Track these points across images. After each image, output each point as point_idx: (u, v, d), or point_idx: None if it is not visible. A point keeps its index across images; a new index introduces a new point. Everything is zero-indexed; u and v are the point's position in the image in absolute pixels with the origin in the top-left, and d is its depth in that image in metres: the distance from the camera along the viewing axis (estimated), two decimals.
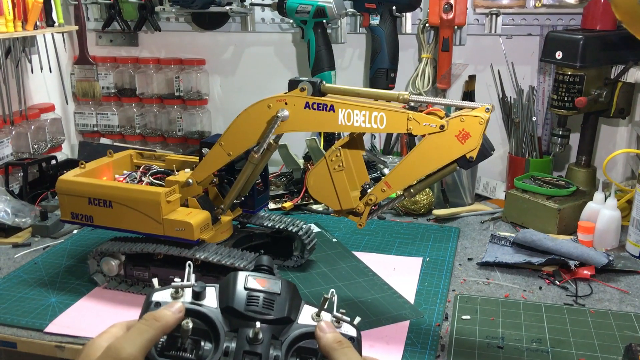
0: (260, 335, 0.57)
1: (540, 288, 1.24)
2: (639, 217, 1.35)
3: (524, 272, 1.30)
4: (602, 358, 1.01)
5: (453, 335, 1.08)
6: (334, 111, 1.00)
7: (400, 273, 1.31)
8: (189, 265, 0.62)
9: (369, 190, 1.03)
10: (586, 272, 1.26)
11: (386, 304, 1.18)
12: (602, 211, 1.40)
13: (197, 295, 0.59)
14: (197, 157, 1.23)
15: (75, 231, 1.52)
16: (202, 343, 0.57)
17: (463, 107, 0.95)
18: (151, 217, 1.13)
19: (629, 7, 1.33)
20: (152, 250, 1.15)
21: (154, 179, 1.27)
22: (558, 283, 1.25)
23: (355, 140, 1.05)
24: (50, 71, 1.86)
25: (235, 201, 1.23)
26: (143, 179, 1.28)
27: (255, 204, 1.28)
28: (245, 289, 0.59)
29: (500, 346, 1.04)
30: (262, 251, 1.25)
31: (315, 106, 1.01)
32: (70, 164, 1.79)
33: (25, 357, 1.12)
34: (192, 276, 0.61)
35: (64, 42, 1.87)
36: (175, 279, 0.60)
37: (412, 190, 1.01)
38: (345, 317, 0.62)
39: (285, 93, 1.04)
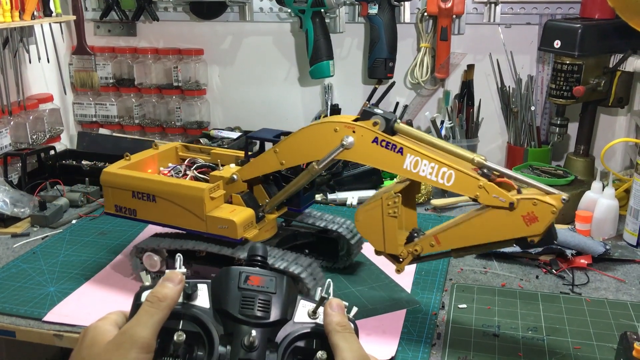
0: (256, 343, 0.55)
1: (537, 277, 1.24)
2: (637, 206, 1.35)
3: (520, 261, 1.30)
4: (598, 346, 1.01)
5: (449, 323, 1.08)
6: (402, 154, 0.94)
7: None
8: (179, 257, 0.60)
9: (416, 239, 0.97)
10: (583, 261, 1.26)
11: (383, 293, 1.18)
12: (599, 200, 1.40)
13: (189, 296, 0.57)
14: (243, 152, 1.18)
15: (74, 221, 1.53)
16: (195, 348, 0.56)
17: (537, 187, 0.90)
18: (194, 213, 1.09)
19: None
20: (191, 247, 1.11)
21: (198, 172, 1.23)
22: (555, 272, 1.25)
23: (413, 185, 1.00)
24: (48, 61, 1.86)
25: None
26: (188, 172, 1.24)
27: (301, 202, 1.21)
28: (239, 289, 0.57)
29: (496, 334, 1.04)
30: (306, 251, 1.20)
31: (384, 144, 0.95)
32: (69, 154, 1.80)
33: (24, 346, 1.13)
34: (183, 269, 0.59)
35: (62, 32, 1.87)
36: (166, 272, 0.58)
37: (461, 253, 0.96)
38: None
39: (356, 120, 0.98)
